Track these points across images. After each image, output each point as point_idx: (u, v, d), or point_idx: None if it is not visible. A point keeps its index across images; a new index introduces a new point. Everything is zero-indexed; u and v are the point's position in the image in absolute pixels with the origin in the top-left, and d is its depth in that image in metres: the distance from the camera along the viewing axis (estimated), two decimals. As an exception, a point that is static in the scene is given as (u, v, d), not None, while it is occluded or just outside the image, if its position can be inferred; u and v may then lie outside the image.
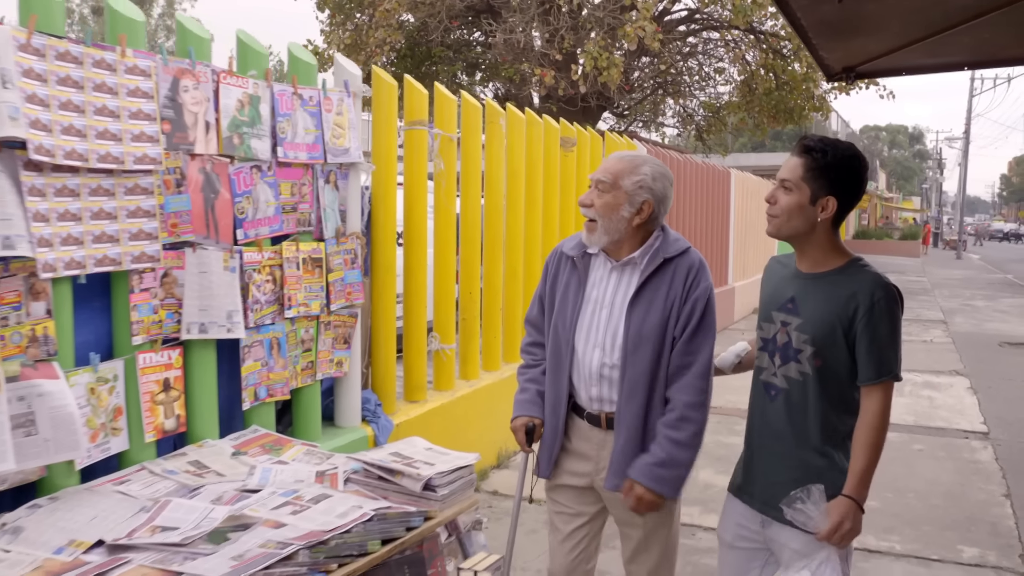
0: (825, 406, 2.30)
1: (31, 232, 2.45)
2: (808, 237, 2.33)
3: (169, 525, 2.35)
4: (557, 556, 2.77)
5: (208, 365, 3.16)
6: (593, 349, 2.61)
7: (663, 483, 2.48)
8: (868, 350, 2.22)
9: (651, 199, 2.55)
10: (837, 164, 2.24)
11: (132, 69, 2.77)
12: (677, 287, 2.54)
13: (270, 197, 3.34)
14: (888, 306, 2.23)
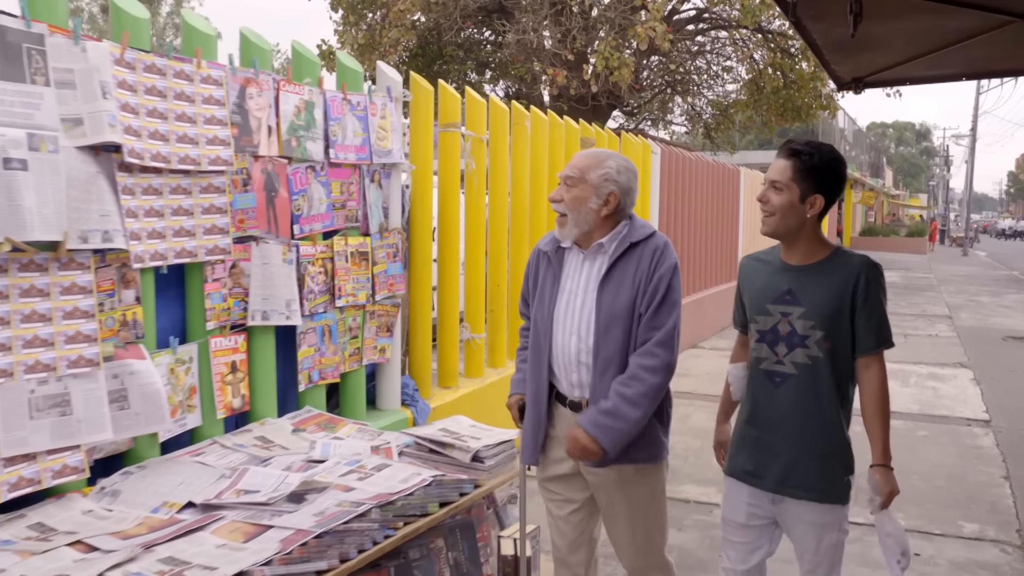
0: (836, 384, 2.52)
1: (124, 227, 2.74)
2: (799, 233, 2.54)
3: (251, 488, 2.64)
4: (558, 536, 2.88)
5: (268, 350, 3.44)
6: (570, 336, 2.69)
7: (602, 430, 2.53)
8: (867, 323, 2.47)
9: (617, 191, 2.65)
10: (823, 165, 2.47)
11: (206, 79, 3.05)
12: (643, 267, 2.62)
13: (322, 195, 3.62)
14: (879, 281, 2.50)
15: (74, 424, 2.59)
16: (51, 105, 2.51)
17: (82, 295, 2.63)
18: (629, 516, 2.74)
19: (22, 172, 2.39)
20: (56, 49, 2.53)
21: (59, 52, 2.54)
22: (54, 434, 2.55)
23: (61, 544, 2.28)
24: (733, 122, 19.53)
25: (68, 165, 2.54)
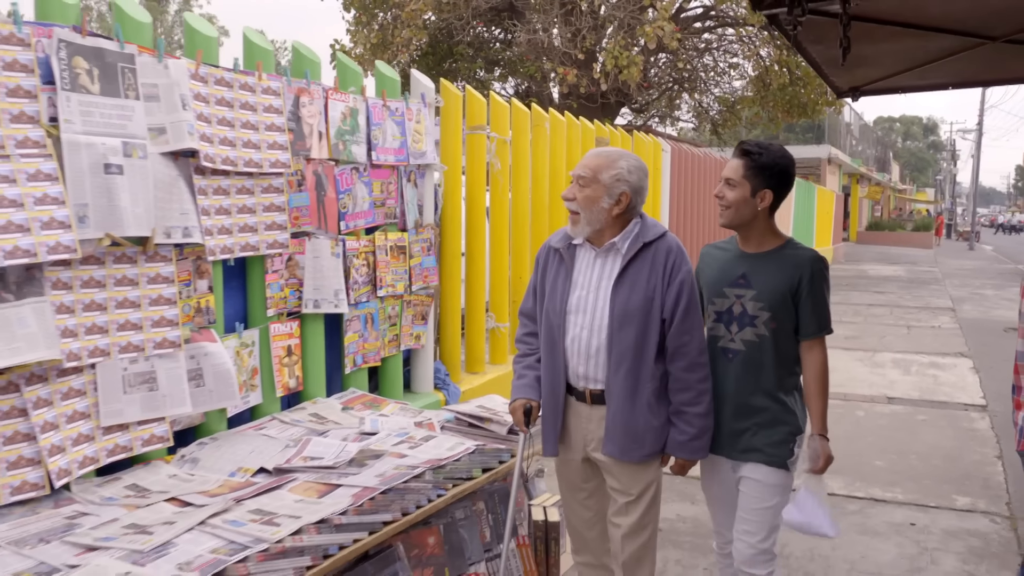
0: (778, 360, 2.79)
1: (200, 223, 3.07)
2: (752, 224, 2.83)
3: (315, 455, 2.97)
4: (572, 516, 3.01)
5: (318, 335, 3.77)
6: (582, 331, 2.76)
7: (699, 452, 2.78)
8: (811, 311, 2.74)
9: (628, 190, 2.71)
10: (770, 163, 2.76)
11: (267, 90, 3.39)
12: (658, 269, 2.70)
13: (365, 194, 3.95)
14: (823, 275, 2.78)
15: (160, 398, 2.93)
16: (140, 116, 2.84)
17: (165, 284, 2.97)
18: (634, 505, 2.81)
19: (119, 176, 2.73)
20: (144, 67, 2.86)
21: (146, 69, 2.87)
22: (144, 407, 2.89)
23: (159, 500, 2.62)
24: (740, 118, 19.74)
25: (154, 169, 2.88)
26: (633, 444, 2.73)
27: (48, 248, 2.52)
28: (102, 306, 2.77)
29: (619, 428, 2.73)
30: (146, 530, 2.34)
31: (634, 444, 2.73)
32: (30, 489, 2.56)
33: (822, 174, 29.99)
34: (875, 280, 19.21)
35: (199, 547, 2.22)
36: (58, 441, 2.63)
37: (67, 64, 2.61)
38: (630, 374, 2.70)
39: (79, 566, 2.12)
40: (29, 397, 2.56)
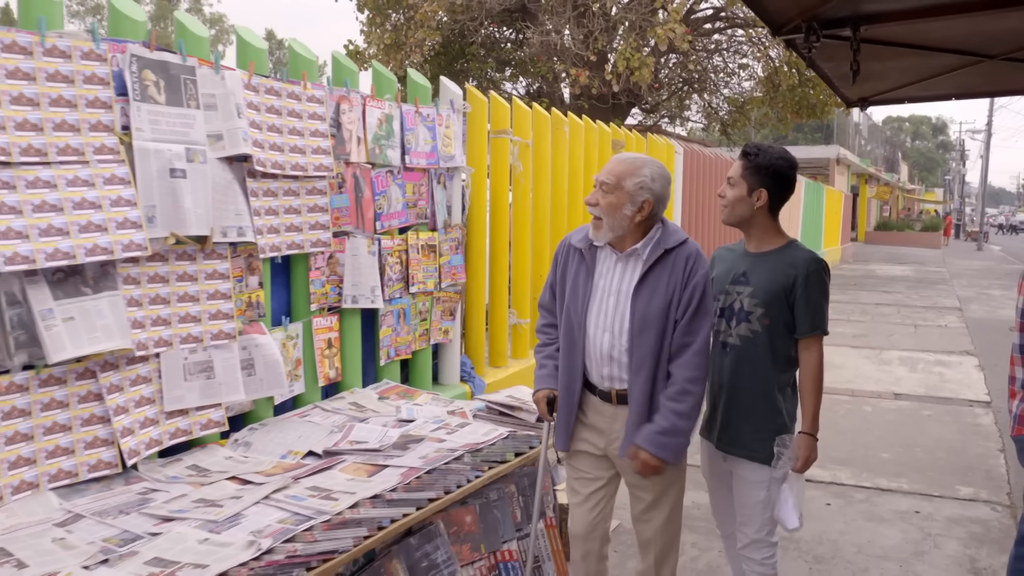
0: (771, 357, 2.94)
1: (253, 223, 3.30)
2: (751, 222, 3.01)
3: (360, 440, 3.20)
4: (577, 517, 3.03)
5: (355, 329, 4.00)
6: (603, 333, 2.81)
7: (665, 449, 2.73)
8: (804, 310, 2.89)
9: (651, 198, 2.75)
10: (766, 163, 2.93)
11: (311, 98, 3.61)
12: (677, 274, 2.75)
13: (399, 195, 4.17)
14: (820, 276, 2.91)
15: (216, 386, 3.16)
16: (201, 124, 3.07)
17: (221, 280, 3.19)
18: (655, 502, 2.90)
19: (183, 179, 2.96)
20: (203, 78, 3.09)
21: (205, 80, 3.10)
22: (202, 393, 3.12)
23: (220, 479, 2.85)
24: (749, 118, 19.90)
25: (212, 173, 3.10)
26: None
27: (123, 246, 2.75)
28: (165, 300, 3.00)
29: (637, 427, 2.78)
30: (216, 503, 2.57)
31: None
32: (104, 467, 2.79)
33: (831, 174, 30.13)
34: (883, 280, 19.37)
35: (267, 518, 2.45)
36: (128, 424, 2.86)
37: (138, 77, 2.84)
38: (649, 378, 2.76)
39: (161, 533, 2.35)
40: (104, 383, 2.79)
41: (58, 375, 2.68)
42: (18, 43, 2.52)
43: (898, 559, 3.98)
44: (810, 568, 3.88)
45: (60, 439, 2.68)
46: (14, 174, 2.50)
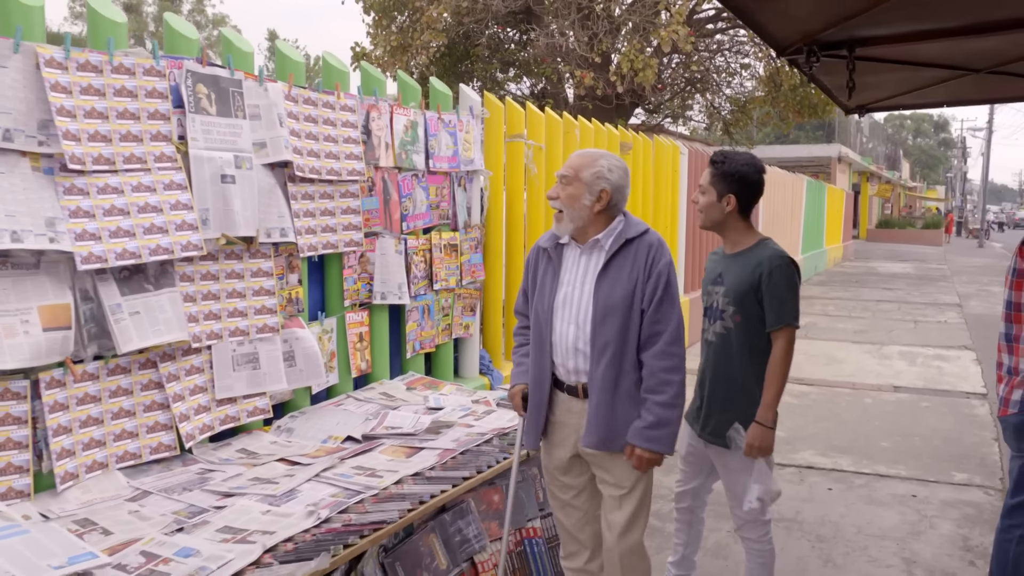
0: (745, 351, 3.12)
1: (293, 225, 3.54)
2: (724, 225, 3.22)
3: (395, 425, 3.45)
4: (565, 517, 3.02)
5: (384, 324, 4.24)
6: (568, 325, 2.82)
7: (657, 442, 2.71)
8: (770, 304, 3.05)
9: (608, 188, 2.77)
10: (732, 170, 3.15)
11: (344, 107, 3.85)
12: (640, 263, 2.76)
13: (423, 198, 4.42)
14: (785, 271, 3.06)
15: (261, 376, 3.41)
16: (247, 133, 3.31)
17: (265, 277, 3.44)
18: (621, 497, 2.85)
19: (232, 184, 3.20)
20: (249, 90, 3.34)
21: (251, 92, 3.34)
22: (249, 383, 3.36)
23: (270, 460, 3.10)
24: (751, 118, 20.09)
25: (258, 178, 3.35)
26: (611, 434, 2.76)
27: (181, 246, 3.00)
28: (216, 296, 3.25)
29: (599, 418, 2.76)
30: (271, 481, 2.82)
31: (613, 434, 2.76)
32: (164, 450, 3.04)
33: (832, 173, 30.35)
34: (884, 277, 19.59)
35: (320, 493, 2.70)
36: (184, 410, 3.11)
37: (192, 90, 3.09)
38: (611, 365, 2.74)
39: (225, 507, 2.60)
40: (163, 372, 3.04)
41: (124, 365, 2.93)
42: (91, 62, 2.77)
43: (895, 538, 4.22)
44: (812, 547, 4.13)
45: (125, 423, 2.93)
46: (87, 181, 2.75)
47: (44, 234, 2.59)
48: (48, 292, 2.65)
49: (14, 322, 2.54)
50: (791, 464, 5.39)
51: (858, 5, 2.53)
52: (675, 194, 8.89)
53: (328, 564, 2.29)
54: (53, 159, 2.68)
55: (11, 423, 2.57)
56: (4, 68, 2.53)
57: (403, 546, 2.88)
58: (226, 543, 2.30)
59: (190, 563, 2.16)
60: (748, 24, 2.99)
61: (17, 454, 2.58)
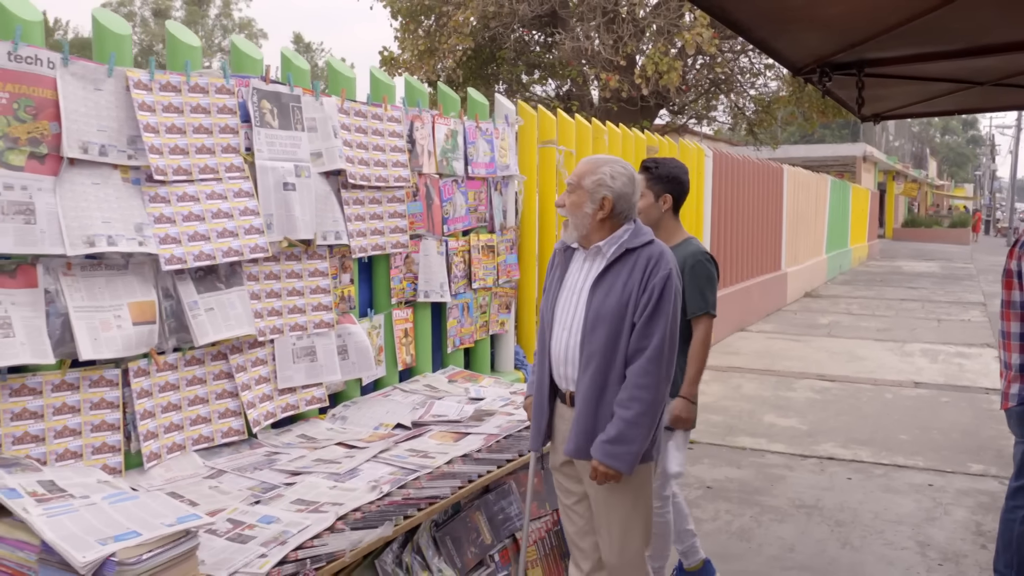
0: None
1: (346, 228, 3.83)
2: (659, 224, 3.54)
3: (441, 413, 3.73)
4: (568, 523, 3.02)
5: (426, 320, 4.53)
6: (563, 331, 2.81)
7: (615, 459, 2.62)
8: (689, 294, 3.40)
9: (610, 195, 2.73)
10: (665, 173, 3.52)
11: (391, 118, 4.14)
12: (636, 275, 2.69)
13: (463, 202, 4.70)
14: (702, 266, 3.46)
15: (318, 368, 3.70)
16: (305, 144, 3.60)
17: (321, 277, 3.73)
18: (607, 509, 2.81)
19: (293, 192, 3.50)
20: (306, 104, 3.63)
21: (308, 106, 3.64)
22: (307, 374, 3.65)
23: (329, 444, 3.38)
24: (775, 118, 20.20)
25: (315, 186, 3.64)
26: (588, 443, 2.72)
27: (250, 248, 3.29)
28: (277, 294, 3.54)
29: (579, 427, 2.73)
30: (334, 461, 3.11)
31: (589, 443, 2.72)
32: (234, 434, 3.33)
33: (857, 172, 30.37)
34: (909, 276, 19.68)
35: (379, 471, 2.98)
36: (250, 398, 3.41)
37: (257, 106, 3.38)
38: (597, 375, 2.70)
39: (294, 484, 2.88)
40: (233, 363, 3.34)
41: (198, 356, 3.23)
42: (171, 82, 3.08)
43: (911, 523, 4.45)
44: (831, 530, 4.37)
45: (200, 409, 3.23)
46: (168, 190, 3.05)
47: (134, 238, 2.89)
48: (136, 290, 2.95)
49: (109, 317, 2.84)
50: (812, 455, 5.63)
51: (864, 34, 2.81)
52: (700, 196, 9.12)
53: (391, 532, 2.58)
54: (140, 171, 2.98)
55: (105, 407, 2.88)
56: (100, 91, 2.84)
57: (452, 522, 3.17)
58: (301, 512, 2.58)
59: (273, 528, 2.45)
60: (765, 51, 3.25)
61: (111, 435, 2.88)
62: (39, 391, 2.70)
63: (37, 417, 2.69)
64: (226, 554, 2.30)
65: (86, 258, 2.82)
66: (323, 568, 2.34)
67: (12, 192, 2.57)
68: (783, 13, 2.69)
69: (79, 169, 2.79)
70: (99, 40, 2.92)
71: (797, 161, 23.67)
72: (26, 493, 2.18)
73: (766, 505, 4.73)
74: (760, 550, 4.13)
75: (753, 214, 11.69)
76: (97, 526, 2.05)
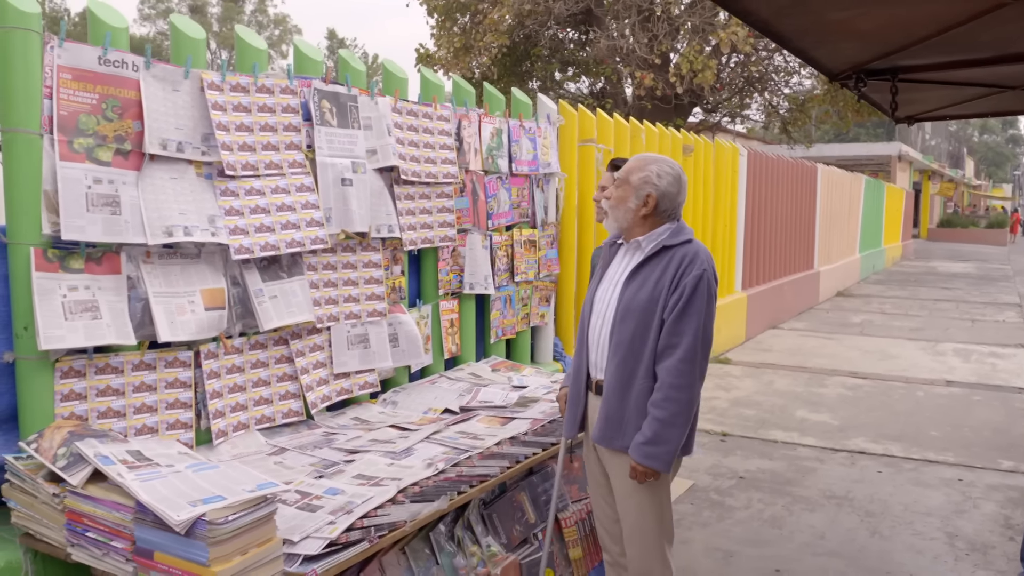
0: None
1: (399, 222, 4.02)
2: None
3: (487, 399, 3.90)
4: (597, 508, 3.15)
5: (471, 312, 4.71)
6: (598, 320, 2.91)
7: (653, 459, 2.70)
8: None
9: (655, 193, 2.81)
10: None
11: (440, 117, 4.32)
12: (669, 272, 2.74)
13: (506, 198, 4.87)
14: None
15: (371, 355, 3.89)
16: (361, 142, 3.79)
17: (375, 268, 3.92)
18: (625, 497, 2.89)
19: (350, 187, 3.69)
20: (363, 104, 3.82)
21: (364, 106, 3.82)
22: (360, 360, 3.85)
23: (383, 426, 3.57)
24: (810, 116, 20.17)
25: (370, 181, 3.83)
26: (612, 432, 2.82)
27: (311, 240, 3.49)
28: (334, 284, 3.74)
29: (605, 414, 2.83)
30: (389, 441, 3.29)
31: (613, 432, 2.82)
32: (293, 415, 3.53)
33: (892, 171, 30.16)
34: (944, 277, 19.58)
35: (433, 451, 3.16)
36: (309, 382, 3.60)
37: (318, 105, 3.58)
38: (623, 365, 2.78)
39: (353, 460, 3.07)
40: (293, 348, 3.54)
41: (262, 341, 3.43)
42: (240, 84, 3.28)
43: (940, 516, 4.57)
44: (861, 520, 4.49)
45: (262, 391, 3.43)
46: (237, 185, 3.25)
47: (207, 229, 3.09)
48: (207, 278, 3.15)
49: (183, 303, 3.05)
50: (843, 449, 5.75)
51: (897, 44, 2.95)
52: (734, 194, 9.23)
53: (447, 505, 2.76)
54: (212, 166, 3.18)
55: (179, 386, 3.08)
56: (177, 92, 3.04)
57: (499, 501, 3.35)
58: (363, 486, 2.77)
59: (338, 499, 2.64)
60: (804, 59, 3.39)
61: (183, 412, 3.09)
62: (121, 370, 2.92)
63: (119, 394, 2.91)
64: (297, 521, 2.49)
65: (163, 247, 3.02)
66: (385, 536, 2.53)
67: (101, 185, 2.78)
68: (822, 27, 2.84)
69: (158, 164, 2.99)
70: (176, 44, 3.12)
71: (831, 160, 23.58)
72: (118, 461, 2.39)
73: (797, 495, 4.86)
74: (791, 537, 4.27)
75: (786, 213, 11.76)
76: (185, 490, 2.25)
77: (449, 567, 2.99)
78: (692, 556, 4.08)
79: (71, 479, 2.31)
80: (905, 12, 2.62)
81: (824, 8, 2.67)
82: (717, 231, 8.76)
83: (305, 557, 2.30)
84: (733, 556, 4.06)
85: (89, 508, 2.27)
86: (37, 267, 2.65)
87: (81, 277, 2.77)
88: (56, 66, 2.69)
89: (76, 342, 2.69)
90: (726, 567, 3.97)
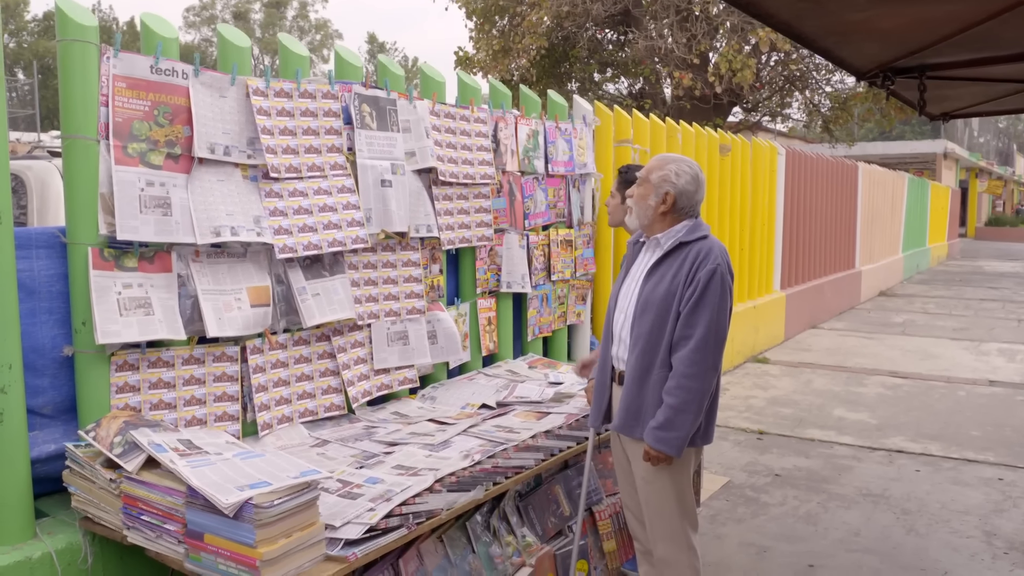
0: None
1: (437, 222, 4.12)
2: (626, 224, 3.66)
3: (523, 395, 3.99)
4: (625, 499, 3.25)
5: (508, 310, 4.80)
6: (620, 314, 3.05)
7: (664, 443, 2.80)
8: None
9: (673, 192, 2.92)
10: (632, 178, 3.65)
11: (477, 119, 4.41)
12: (685, 267, 2.86)
13: (543, 198, 4.95)
14: None
15: (410, 351, 4.00)
16: (400, 144, 3.90)
17: (414, 267, 4.03)
18: (645, 485, 2.99)
19: (389, 188, 3.80)
20: (402, 108, 3.92)
21: (403, 110, 3.93)
22: (400, 357, 3.96)
23: (422, 420, 3.68)
24: (851, 115, 19.95)
25: (409, 183, 3.93)
26: (631, 421, 2.94)
27: (352, 240, 3.60)
28: (374, 282, 3.85)
29: (625, 402, 2.95)
30: (428, 435, 3.39)
31: (632, 421, 2.94)
32: (335, 409, 3.65)
33: (937, 169, 29.71)
34: (990, 276, 19.27)
35: (470, 443, 3.26)
36: (350, 377, 3.72)
37: (358, 109, 3.69)
38: (642, 357, 2.90)
39: (393, 452, 3.18)
40: (335, 344, 3.65)
41: (305, 337, 3.55)
42: (284, 89, 3.40)
43: (978, 514, 4.56)
44: (897, 518, 4.50)
45: (306, 386, 3.55)
46: (281, 187, 3.38)
47: (253, 229, 3.22)
48: (253, 276, 3.28)
49: (231, 300, 3.18)
50: (881, 448, 5.74)
51: (921, 43, 2.98)
52: (772, 194, 9.21)
53: (482, 495, 2.86)
54: (257, 169, 3.31)
55: (226, 380, 3.21)
56: (224, 98, 3.17)
57: (534, 493, 3.44)
58: (402, 476, 2.87)
59: (378, 488, 2.74)
60: (829, 59, 3.43)
61: (230, 405, 3.22)
62: (171, 364, 3.05)
63: (169, 387, 3.04)
64: (338, 508, 2.60)
65: (211, 247, 3.15)
66: (423, 523, 2.63)
67: (153, 188, 2.92)
68: (843, 27, 2.88)
69: (207, 167, 3.12)
70: (223, 52, 3.26)
71: (874, 158, 23.31)
72: (170, 448, 2.51)
73: (833, 493, 4.88)
74: (826, 533, 4.29)
75: (826, 212, 11.69)
76: (233, 476, 2.36)
77: (485, 556, 3.09)
78: (726, 551, 4.12)
79: (127, 465, 2.44)
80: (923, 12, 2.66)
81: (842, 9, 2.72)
82: (755, 230, 8.75)
83: (346, 541, 2.40)
84: (767, 551, 4.10)
85: (143, 493, 2.40)
86: (94, 266, 2.79)
87: (135, 275, 2.90)
88: (112, 75, 2.83)
89: (130, 337, 2.83)
90: (760, 562, 4.01)
